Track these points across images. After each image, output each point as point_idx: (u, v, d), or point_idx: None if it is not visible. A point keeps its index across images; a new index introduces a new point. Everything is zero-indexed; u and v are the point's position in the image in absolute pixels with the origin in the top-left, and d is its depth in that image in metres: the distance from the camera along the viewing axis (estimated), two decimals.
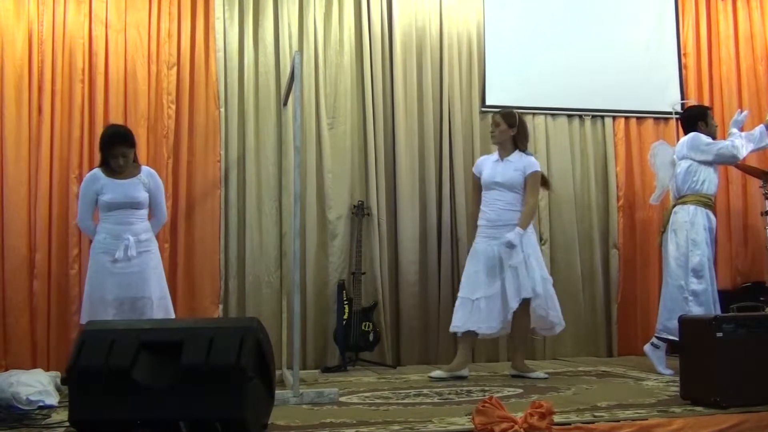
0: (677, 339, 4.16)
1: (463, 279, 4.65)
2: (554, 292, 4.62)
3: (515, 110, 4.80)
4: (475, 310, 4.45)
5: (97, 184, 4.07)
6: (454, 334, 4.62)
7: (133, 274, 4.02)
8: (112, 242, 4.01)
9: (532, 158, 4.66)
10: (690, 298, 4.48)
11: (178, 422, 2.54)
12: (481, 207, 4.66)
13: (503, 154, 4.64)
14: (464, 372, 4.48)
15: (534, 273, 4.47)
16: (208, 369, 2.54)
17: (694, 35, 6.14)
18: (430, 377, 4.42)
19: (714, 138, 4.77)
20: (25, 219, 4.80)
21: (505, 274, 4.45)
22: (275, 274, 5.20)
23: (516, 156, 4.60)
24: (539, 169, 4.62)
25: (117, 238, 4.02)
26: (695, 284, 4.50)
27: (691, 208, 4.61)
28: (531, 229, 4.60)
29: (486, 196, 4.64)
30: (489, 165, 4.67)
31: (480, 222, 4.65)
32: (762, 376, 3.17)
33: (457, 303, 4.58)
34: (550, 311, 4.55)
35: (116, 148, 4.06)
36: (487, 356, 5.48)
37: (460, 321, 4.51)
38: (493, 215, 4.56)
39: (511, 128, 4.59)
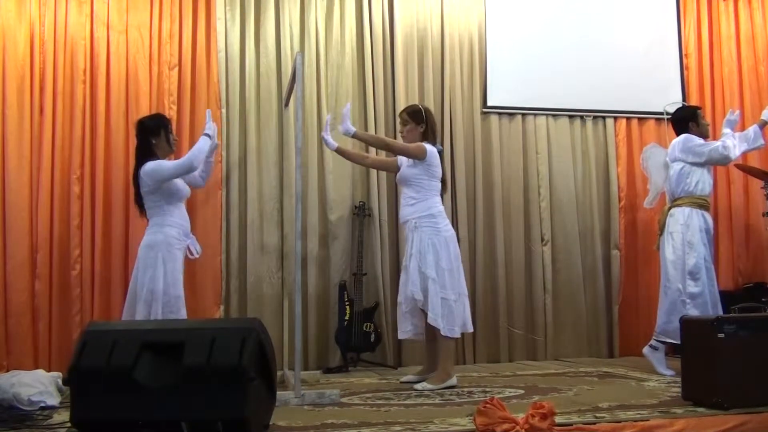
0: (675, 342, 4.17)
1: None
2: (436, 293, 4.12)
3: (422, 105, 4.57)
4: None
5: None
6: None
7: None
8: (184, 239, 4.00)
9: (428, 145, 4.28)
10: (688, 300, 4.48)
11: (180, 423, 2.54)
12: None
13: None
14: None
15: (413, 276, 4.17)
16: (210, 369, 2.54)
17: (695, 36, 6.15)
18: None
19: (706, 138, 4.77)
20: (27, 219, 4.81)
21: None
22: (276, 275, 5.21)
23: None
24: (425, 145, 4.24)
25: (187, 235, 4.02)
26: (692, 287, 4.50)
27: (686, 210, 4.60)
28: (430, 229, 4.19)
29: None
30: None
31: None
32: (764, 377, 3.17)
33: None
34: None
35: (171, 125, 4.10)
36: (488, 357, 5.48)
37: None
38: (401, 213, 4.36)
39: (420, 125, 4.33)
